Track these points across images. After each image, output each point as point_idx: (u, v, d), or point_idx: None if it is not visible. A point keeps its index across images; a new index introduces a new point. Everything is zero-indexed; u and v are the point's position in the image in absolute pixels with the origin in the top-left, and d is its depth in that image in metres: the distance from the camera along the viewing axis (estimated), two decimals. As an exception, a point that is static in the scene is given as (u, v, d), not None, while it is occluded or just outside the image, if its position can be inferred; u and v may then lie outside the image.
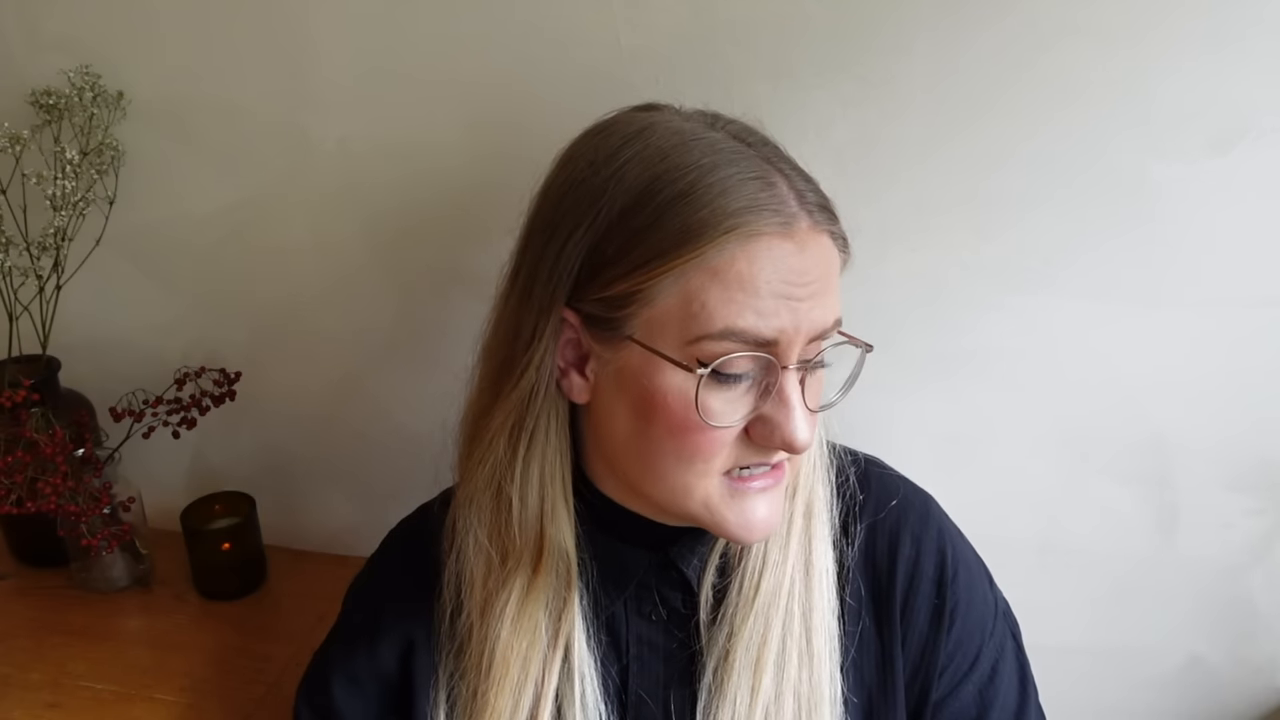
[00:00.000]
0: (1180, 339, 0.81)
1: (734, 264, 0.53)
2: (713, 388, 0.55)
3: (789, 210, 0.54)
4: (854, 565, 0.66)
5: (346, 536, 1.07)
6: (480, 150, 0.86)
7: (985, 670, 0.66)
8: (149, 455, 1.00)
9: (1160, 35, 0.72)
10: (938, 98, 0.77)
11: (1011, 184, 0.79)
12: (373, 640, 0.68)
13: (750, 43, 0.78)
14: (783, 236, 0.54)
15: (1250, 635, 0.92)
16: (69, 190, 0.89)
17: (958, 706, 0.65)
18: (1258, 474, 0.85)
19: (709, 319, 0.53)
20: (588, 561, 0.64)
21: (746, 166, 0.55)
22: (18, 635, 0.95)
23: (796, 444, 0.55)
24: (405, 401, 0.99)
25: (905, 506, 0.68)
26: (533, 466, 0.61)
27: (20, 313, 0.94)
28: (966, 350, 0.85)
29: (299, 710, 0.70)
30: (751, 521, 0.58)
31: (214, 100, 0.91)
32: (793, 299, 0.54)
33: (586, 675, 0.63)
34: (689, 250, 0.53)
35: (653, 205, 0.54)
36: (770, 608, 0.63)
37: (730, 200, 0.53)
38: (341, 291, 0.97)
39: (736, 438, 0.56)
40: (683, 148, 0.55)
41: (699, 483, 0.57)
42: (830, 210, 0.57)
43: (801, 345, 0.55)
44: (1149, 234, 0.78)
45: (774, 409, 0.55)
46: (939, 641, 0.65)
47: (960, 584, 0.66)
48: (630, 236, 0.54)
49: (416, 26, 0.84)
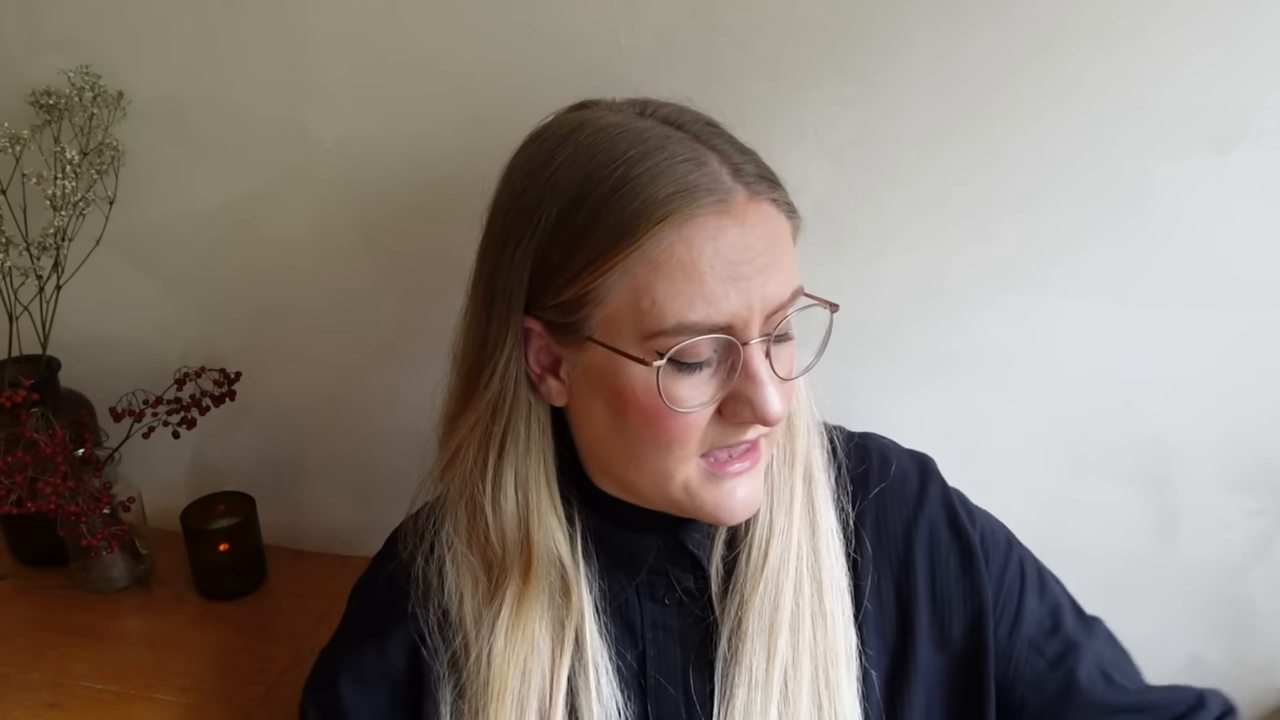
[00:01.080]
0: (1180, 339, 0.81)
1: (674, 253, 0.53)
2: (676, 375, 0.55)
3: (723, 186, 0.54)
4: (861, 531, 0.67)
5: (346, 536, 1.07)
6: (481, 149, 0.86)
7: (1034, 579, 0.68)
8: (149, 455, 1.00)
9: (1160, 34, 0.72)
10: (937, 97, 0.77)
11: (1011, 183, 0.79)
12: (381, 639, 0.68)
13: (750, 43, 0.78)
14: (719, 214, 0.53)
15: (1250, 635, 0.91)
16: (69, 190, 0.89)
17: (1031, 618, 0.66)
18: (1258, 474, 0.85)
19: (660, 315, 0.54)
20: (594, 557, 0.65)
21: (676, 150, 0.55)
22: (18, 635, 0.94)
23: (769, 416, 0.55)
24: (405, 400, 0.99)
25: (906, 470, 0.69)
26: (506, 473, 0.61)
27: (20, 313, 0.94)
28: (965, 350, 0.85)
29: (305, 710, 0.70)
30: (729, 504, 0.59)
31: (214, 100, 0.91)
32: (740, 278, 0.54)
33: (601, 665, 0.63)
34: (626, 245, 0.53)
35: (587, 205, 0.55)
36: (780, 573, 0.63)
37: (660, 187, 0.53)
38: (341, 291, 0.97)
39: (711, 419, 0.57)
40: (610, 143, 0.56)
41: (679, 468, 0.58)
42: (770, 179, 0.57)
43: (760, 321, 0.55)
44: (1149, 234, 0.78)
45: (743, 385, 0.56)
46: (983, 577, 0.65)
47: (977, 522, 0.68)
48: (570, 240, 0.55)
49: (417, 25, 0.84)
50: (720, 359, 0.56)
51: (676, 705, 0.65)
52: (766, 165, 0.58)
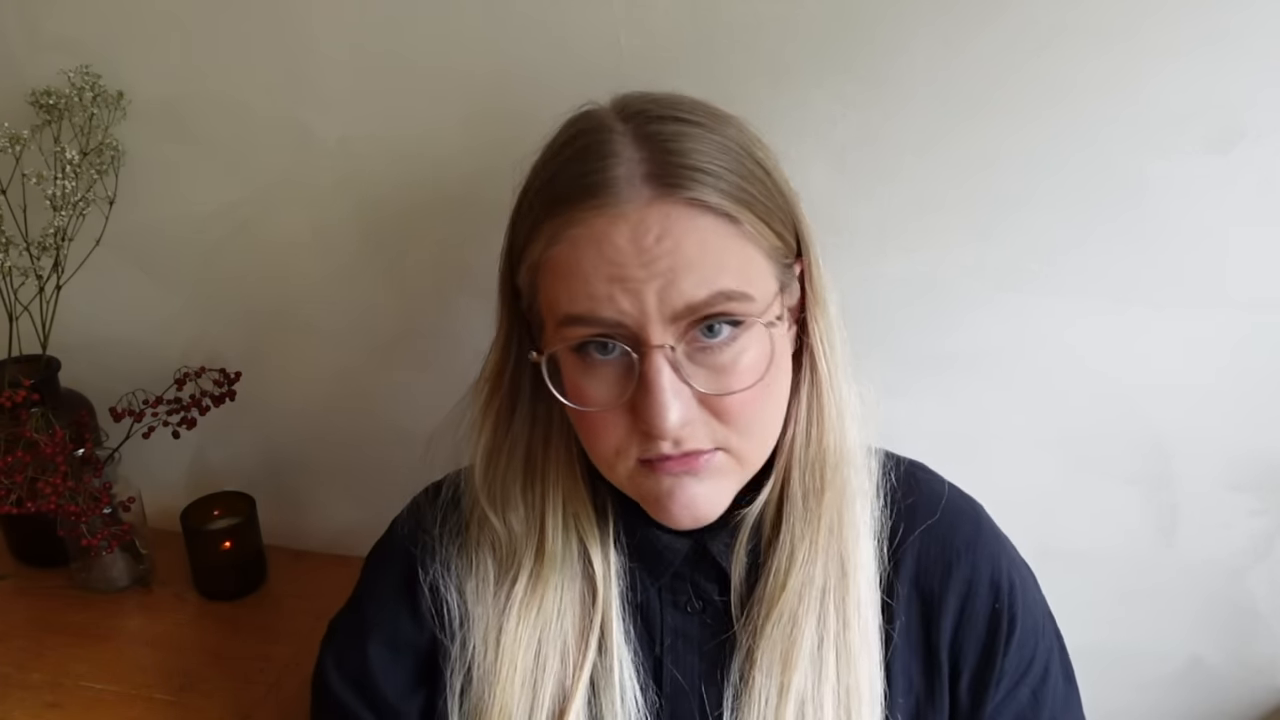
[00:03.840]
0: (1180, 338, 0.81)
1: (559, 255, 0.54)
2: (578, 369, 0.56)
3: (615, 190, 0.53)
4: (899, 566, 0.64)
5: (346, 536, 1.07)
6: (481, 150, 0.86)
7: (1039, 671, 0.64)
8: (149, 455, 1.00)
9: (1159, 34, 0.72)
10: (937, 97, 0.77)
11: (1011, 183, 0.79)
12: (412, 606, 0.66)
13: (750, 43, 0.78)
14: (606, 219, 0.53)
15: (1251, 636, 0.91)
16: (69, 190, 0.89)
17: (1015, 708, 0.63)
18: (1258, 474, 0.85)
19: (552, 309, 0.56)
20: (624, 545, 0.64)
21: (592, 149, 0.55)
22: (18, 635, 0.94)
23: (657, 428, 0.52)
24: (406, 400, 0.99)
25: (956, 513, 0.66)
26: (533, 449, 0.62)
27: (20, 313, 0.94)
28: (965, 350, 0.85)
29: (325, 673, 0.68)
30: (669, 504, 0.56)
31: (214, 100, 0.91)
32: (629, 279, 0.52)
33: (625, 662, 0.62)
34: (528, 247, 0.57)
35: (520, 207, 0.59)
36: (800, 606, 0.60)
37: (553, 190, 0.55)
38: (342, 291, 0.97)
39: (630, 424, 0.55)
40: (556, 142, 0.59)
41: (618, 463, 0.57)
42: (695, 178, 0.53)
43: (662, 324, 0.53)
44: (1149, 233, 0.78)
45: (638, 392, 0.53)
46: (999, 649, 0.62)
47: (1017, 591, 0.64)
48: (509, 239, 0.60)
49: (418, 25, 0.84)
50: (627, 360, 0.54)
51: (691, 713, 0.64)
52: (700, 162, 0.54)
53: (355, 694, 0.66)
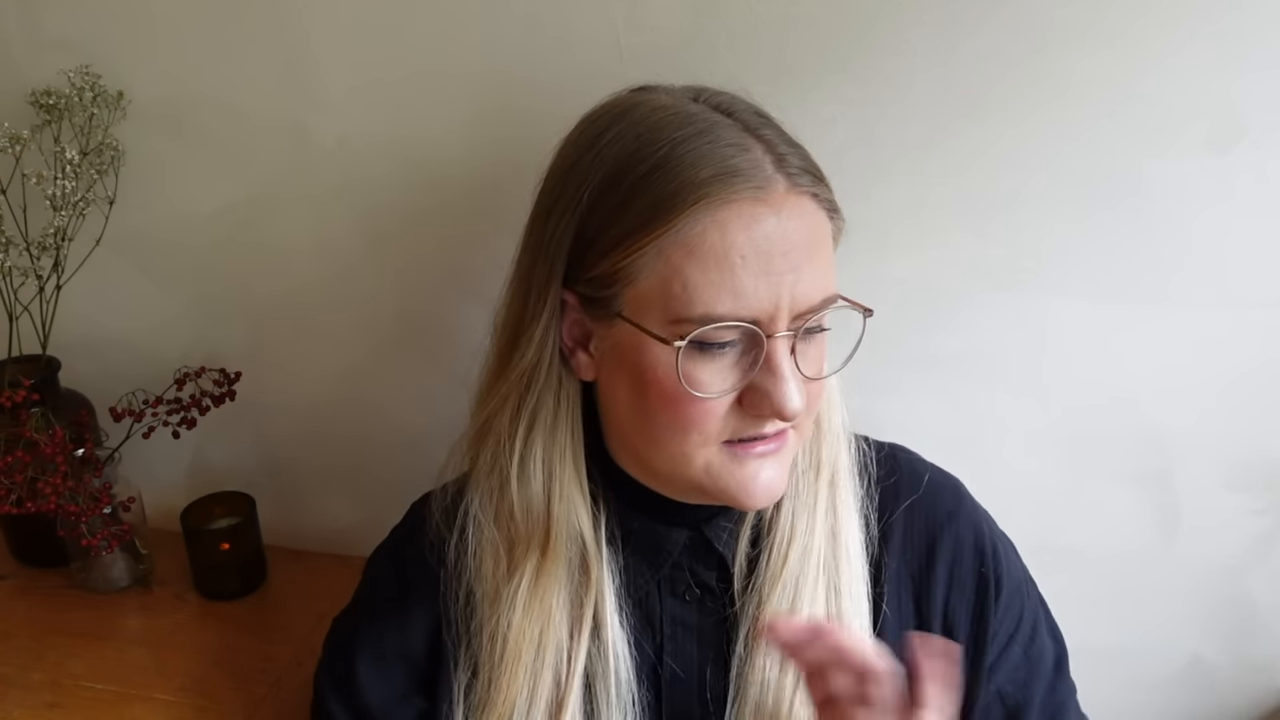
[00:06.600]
0: (1180, 338, 0.81)
1: (706, 237, 0.53)
2: (698, 359, 0.55)
3: (763, 174, 0.54)
4: (887, 543, 0.66)
5: (346, 536, 1.07)
6: (481, 150, 0.86)
7: (1027, 630, 0.68)
8: (149, 455, 1.00)
9: (1158, 34, 0.72)
10: (935, 98, 0.77)
11: (1010, 183, 0.79)
12: (403, 617, 0.68)
13: (750, 43, 0.78)
14: (755, 201, 0.53)
15: (1250, 635, 0.91)
16: (69, 190, 0.89)
17: (1009, 666, 0.67)
18: (1258, 474, 0.85)
19: (688, 302, 0.54)
20: (619, 540, 0.65)
21: (722, 135, 0.55)
22: (18, 635, 0.94)
23: (786, 411, 0.55)
24: (405, 401, 0.99)
25: (937, 487, 0.69)
26: (535, 445, 0.62)
27: (20, 313, 0.94)
28: (964, 350, 0.85)
29: (319, 676, 0.70)
30: (752, 487, 0.58)
31: (214, 100, 0.91)
32: (772, 272, 0.53)
33: (620, 654, 0.63)
34: (660, 225, 0.53)
35: (627, 183, 0.55)
36: (799, 576, 0.63)
37: (700, 170, 0.53)
38: (341, 291, 0.97)
39: (731, 407, 0.56)
40: (658, 123, 0.56)
41: (698, 451, 0.58)
42: (815, 174, 0.57)
43: (788, 317, 0.55)
44: (1148, 233, 0.78)
45: (763, 378, 0.55)
46: (990, 610, 0.66)
47: (1000, 554, 0.68)
48: (607, 215, 0.56)
49: (417, 26, 0.84)
50: (744, 349, 0.56)
51: (691, 701, 0.65)
52: (813, 160, 0.57)
53: (341, 702, 0.68)
